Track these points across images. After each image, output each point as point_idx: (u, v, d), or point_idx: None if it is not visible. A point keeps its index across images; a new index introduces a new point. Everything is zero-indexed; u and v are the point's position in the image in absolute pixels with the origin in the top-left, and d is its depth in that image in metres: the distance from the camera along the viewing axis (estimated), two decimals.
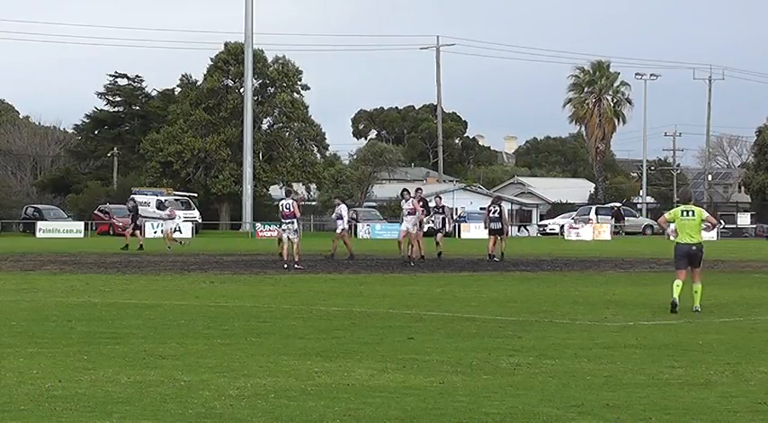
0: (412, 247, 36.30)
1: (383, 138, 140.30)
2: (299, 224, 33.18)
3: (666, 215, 20.18)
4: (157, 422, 9.20)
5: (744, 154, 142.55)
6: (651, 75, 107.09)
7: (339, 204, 39.73)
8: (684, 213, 19.53)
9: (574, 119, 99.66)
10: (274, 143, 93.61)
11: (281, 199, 36.51)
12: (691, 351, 13.94)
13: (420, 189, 38.01)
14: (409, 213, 35.98)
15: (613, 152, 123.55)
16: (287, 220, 33.00)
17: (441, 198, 42.15)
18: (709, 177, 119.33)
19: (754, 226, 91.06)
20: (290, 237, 32.83)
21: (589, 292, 23.79)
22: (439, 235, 39.90)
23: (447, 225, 40.49)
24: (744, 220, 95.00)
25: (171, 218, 49.73)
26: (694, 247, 19.41)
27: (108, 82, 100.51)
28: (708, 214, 20.05)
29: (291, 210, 33.01)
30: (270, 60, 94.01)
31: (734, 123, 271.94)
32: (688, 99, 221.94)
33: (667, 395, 10.65)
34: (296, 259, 32.37)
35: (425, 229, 38.50)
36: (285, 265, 32.10)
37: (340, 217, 38.58)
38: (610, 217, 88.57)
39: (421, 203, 36.65)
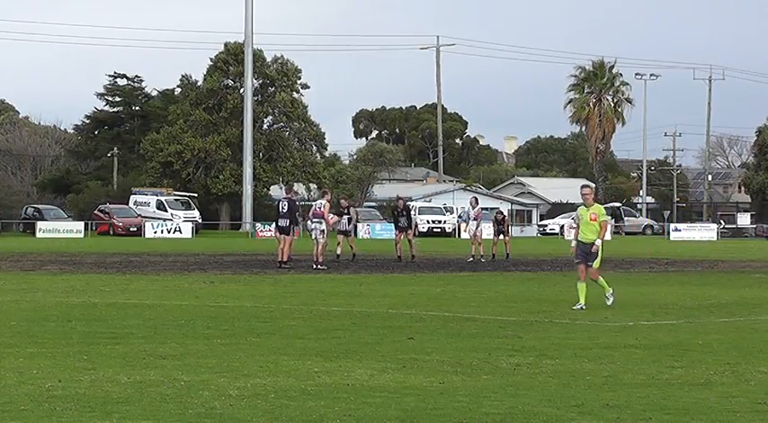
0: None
1: (384, 137, 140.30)
2: (326, 225, 33.41)
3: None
4: (157, 422, 9.19)
5: (744, 154, 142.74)
6: (651, 75, 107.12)
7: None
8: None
9: (574, 119, 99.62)
10: (274, 143, 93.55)
11: (316, 199, 37.08)
12: (691, 351, 13.93)
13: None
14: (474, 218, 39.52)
15: (613, 152, 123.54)
16: (316, 220, 33.13)
17: (402, 199, 41.12)
18: (710, 177, 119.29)
19: (754, 226, 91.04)
20: (317, 237, 32.85)
21: (589, 292, 23.76)
22: (402, 235, 38.93)
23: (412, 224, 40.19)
24: (744, 220, 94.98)
25: None
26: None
27: (108, 82, 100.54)
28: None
29: (322, 210, 33.24)
30: (269, 60, 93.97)
31: (734, 123, 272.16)
32: (688, 99, 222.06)
33: (667, 395, 10.65)
34: (319, 260, 32.40)
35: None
36: (313, 266, 32.15)
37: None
38: (610, 217, 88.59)
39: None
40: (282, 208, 33.48)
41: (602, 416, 9.59)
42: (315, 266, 32.09)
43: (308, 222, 33.76)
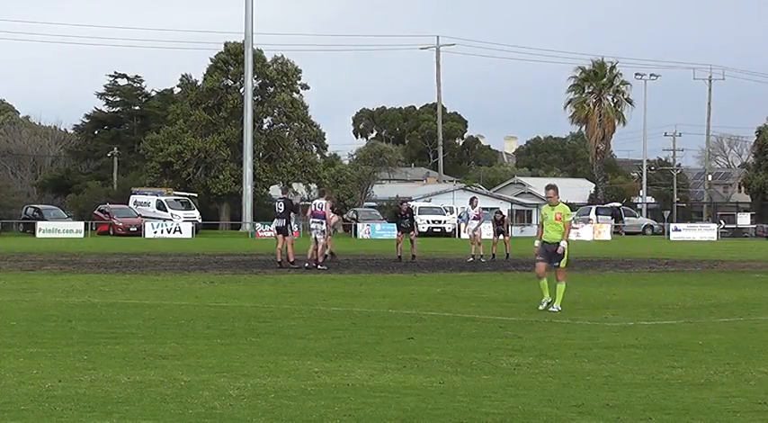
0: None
1: (384, 137, 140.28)
2: (326, 225, 32.94)
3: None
4: (157, 422, 9.19)
5: (744, 154, 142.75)
6: (651, 75, 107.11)
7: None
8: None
9: (574, 119, 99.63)
10: (274, 143, 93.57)
11: (315, 198, 35.92)
12: (691, 351, 13.93)
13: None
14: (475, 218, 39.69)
15: (613, 152, 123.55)
16: (316, 220, 32.63)
17: (407, 203, 41.85)
18: (710, 177, 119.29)
19: (754, 226, 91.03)
20: (318, 237, 32.50)
21: (589, 292, 23.79)
22: (404, 236, 39.36)
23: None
24: (744, 220, 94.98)
25: None
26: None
27: (108, 82, 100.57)
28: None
29: (323, 210, 32.80)
30: (269, 60, 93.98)
31: (734, 123, 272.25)
32: (688, 99, 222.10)
33: (667, 395, 10.65)
34: (319, 260, 32.27)
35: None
36: (306, 264, 31.98)
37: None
38: (610, 217, 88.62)
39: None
40: (279, 208, 33.44)
41: (602, 416, 9.59)
42: (312, 266, 31.97)
43: (309, 222, 33.34)
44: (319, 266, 31.94)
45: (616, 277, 30.40)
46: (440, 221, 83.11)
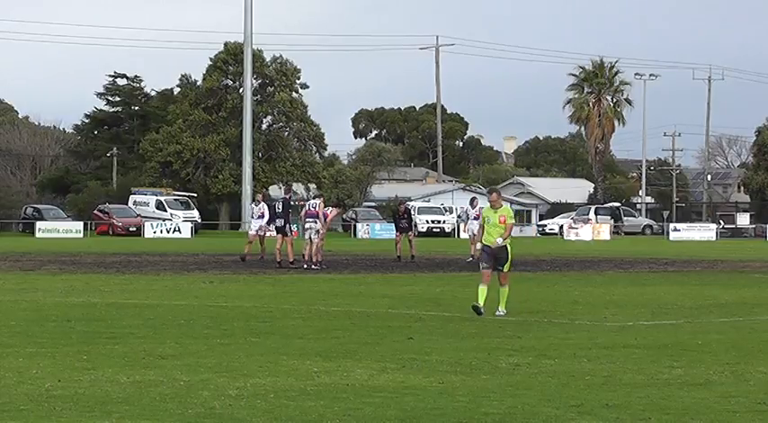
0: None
1: (383, 138, 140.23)
2: (320, 224, 32.83)
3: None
4: (157, 422, 9.20)
5: (743, 154, 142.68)
6: (651, 75, 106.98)
7: (260, 202, 37.22)
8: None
9: (574, 119, 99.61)
10: (274, 143, 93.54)
11: (308, 199, 36.03)
12: (690, 351, 13.94)
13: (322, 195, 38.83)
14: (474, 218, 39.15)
15: (613, 152, 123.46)
16: (309, 219, 32.67)
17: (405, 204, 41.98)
18: (709, 177, 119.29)
19: (754, 226, 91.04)
20: (312, 236, 32.55)
21: (589, 292, 23.80)
22: (403, 236, 39.22)
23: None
24: (743, 220, 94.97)
25: None
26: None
27: (107, 82, 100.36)
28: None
29: (316, 209, 32.90)
30: (269, 60, 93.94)
31: (734, 123, 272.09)
32: (688, 99, 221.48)
33: (667, 395, 10.66)
34: (314, 259, 32.21)
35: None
36: (305, 266, 31.92)
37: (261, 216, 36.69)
38: (609, 217, 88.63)
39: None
40: (278, 208, 33.48)
41: (601, 416, 9.59)
42: (308, 266, 31.92)
43: (304, 223, 33.22)
44: (314, 266, 31.91)
45: (616, 277, 30.41)
46: (439, 221, 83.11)
